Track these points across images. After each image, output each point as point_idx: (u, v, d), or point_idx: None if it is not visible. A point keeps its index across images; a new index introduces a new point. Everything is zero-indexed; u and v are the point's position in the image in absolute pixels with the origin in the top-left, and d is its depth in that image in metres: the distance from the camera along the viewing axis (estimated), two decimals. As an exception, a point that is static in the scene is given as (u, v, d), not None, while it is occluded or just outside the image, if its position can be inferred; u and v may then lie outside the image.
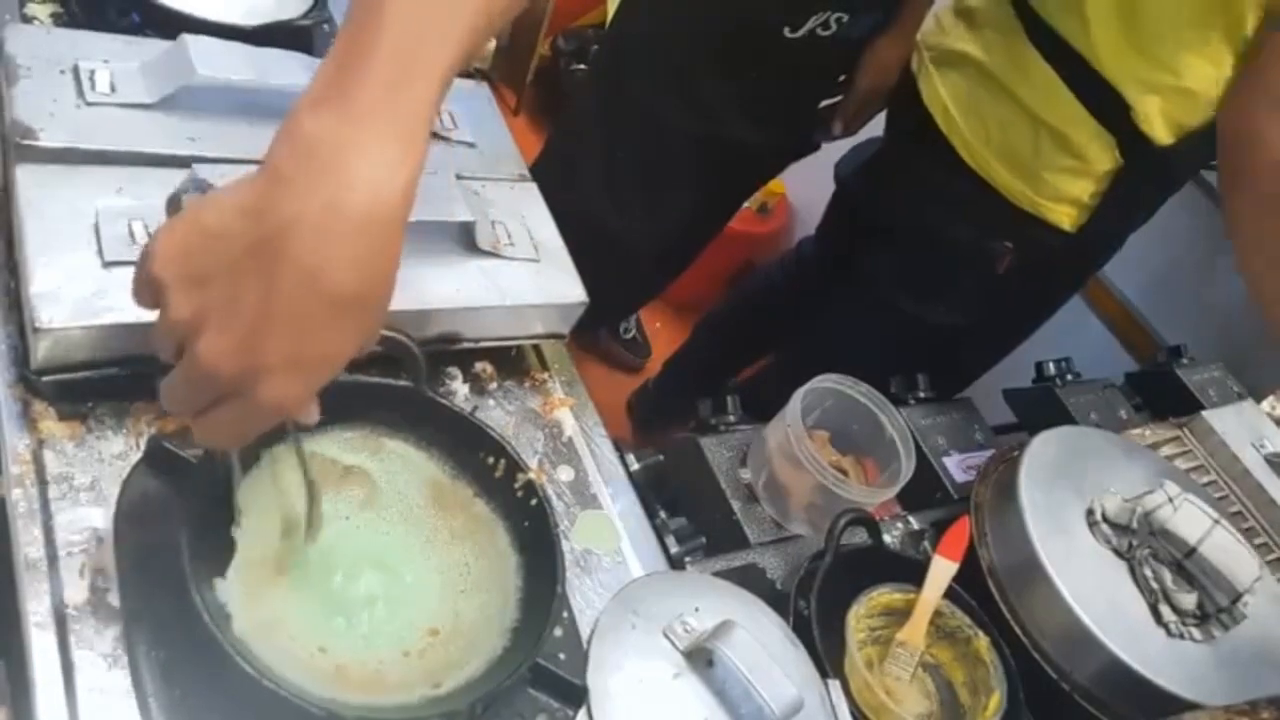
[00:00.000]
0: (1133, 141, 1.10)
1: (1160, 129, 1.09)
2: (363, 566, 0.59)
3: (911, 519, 0.90)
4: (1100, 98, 1.08)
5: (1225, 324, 1.58)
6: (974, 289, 1.25)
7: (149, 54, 0.68)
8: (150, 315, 0.43)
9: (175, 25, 0.70)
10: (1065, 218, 1.16)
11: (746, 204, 2.39)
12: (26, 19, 0.75)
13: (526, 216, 0.79)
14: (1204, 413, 1.12)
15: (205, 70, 0.66)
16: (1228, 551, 0.82)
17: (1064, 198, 1.14)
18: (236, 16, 0.78)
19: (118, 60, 0.67)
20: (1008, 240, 1.18)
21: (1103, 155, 1.11)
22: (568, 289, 0.76)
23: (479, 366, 0.76)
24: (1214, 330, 1.58)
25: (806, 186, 1.54)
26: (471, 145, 0.82)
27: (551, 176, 0.87)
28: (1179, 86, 1.06)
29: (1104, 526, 0.84)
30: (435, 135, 0.79)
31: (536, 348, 0.81)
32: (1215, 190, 1.46)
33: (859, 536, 0.78)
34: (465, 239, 0.72)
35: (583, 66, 2.35)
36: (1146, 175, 1.15)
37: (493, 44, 1.13)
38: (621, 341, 2.22)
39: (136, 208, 0.60)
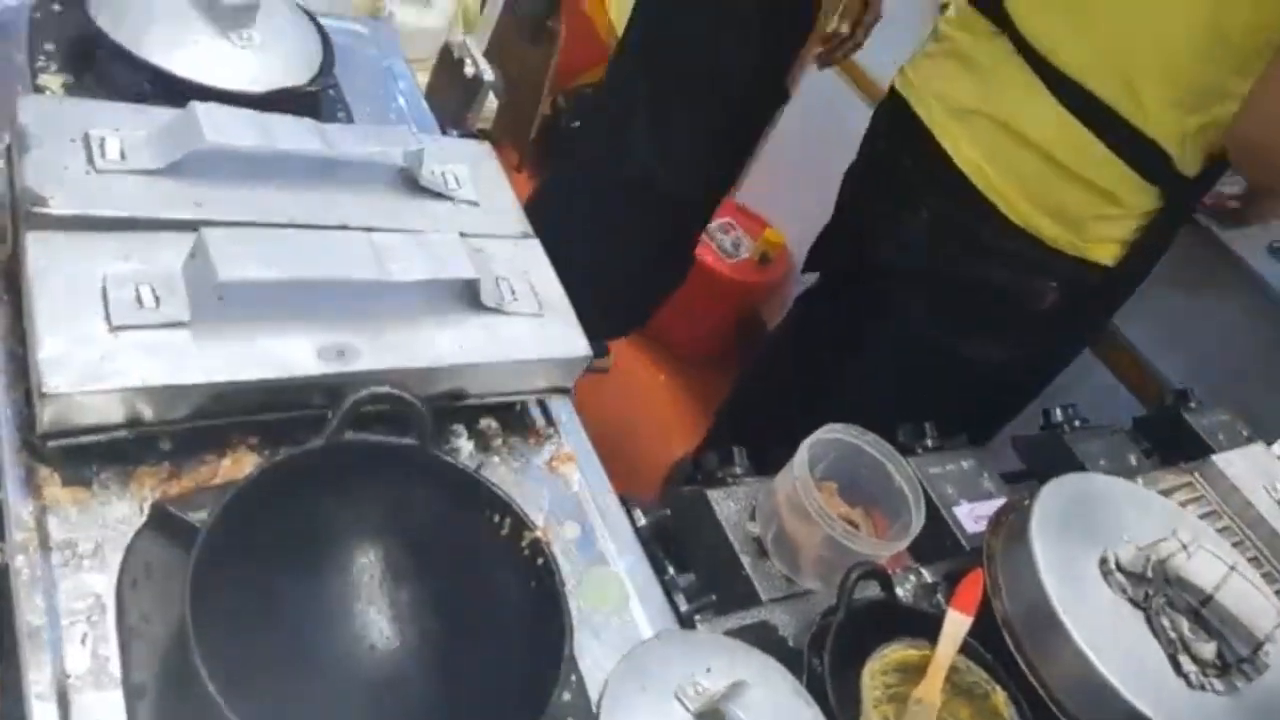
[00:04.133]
0: (1173, 183, 1.12)
1: (1196, 166, 1.11)
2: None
3: (924, 571, 0.89)
4: (1143, 154, 1.10)
5: (1230, 367, 1.58)
6: (1018, 324, 1.24)
7: (159, 121, 0.69)
8: (159, 379, 0.43)
9: (185, 93, 0.71)
10: (1108, 255, 1.17)
11: (746, 255, 2.41)
12: (39, 90, 0.76)
13: (529, 272, 0.79)
14: (1214, 457, 1.12)
15: (213, 136, 0.67)
16: (1245, 598, 0.81)
17: (1107, 238, 1.16)
18: (245, 83, 0.79)
19: (128, 128, 0.67)
20: (1052, 280, 1.19)
21: (1145, 199, 1.13)
22: (571, 342, 0.76)
23: (484, 423, 0.76)
24: (1219, 373, 1.58)
25: (808, 235, 1.55)
26: (475, 204, 0.82)
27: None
28: (1221, 126, 1.07)
29: (1119, 575, 0.83)
30: (439, 195, 0.80)
31: (541, 402, 0.81)
32: (1214, 234, 1.48)
33: (871, 590, 0.78)
34: (469, 296, 0.73)
35: (580, 124, 2.38)
36: (1182, 206, 1.17)
37: (495, 103, 1.15)
38: None
39: (144, 272, 0.60)
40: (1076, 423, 1.14)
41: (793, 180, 2.46)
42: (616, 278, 1.68)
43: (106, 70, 0.78)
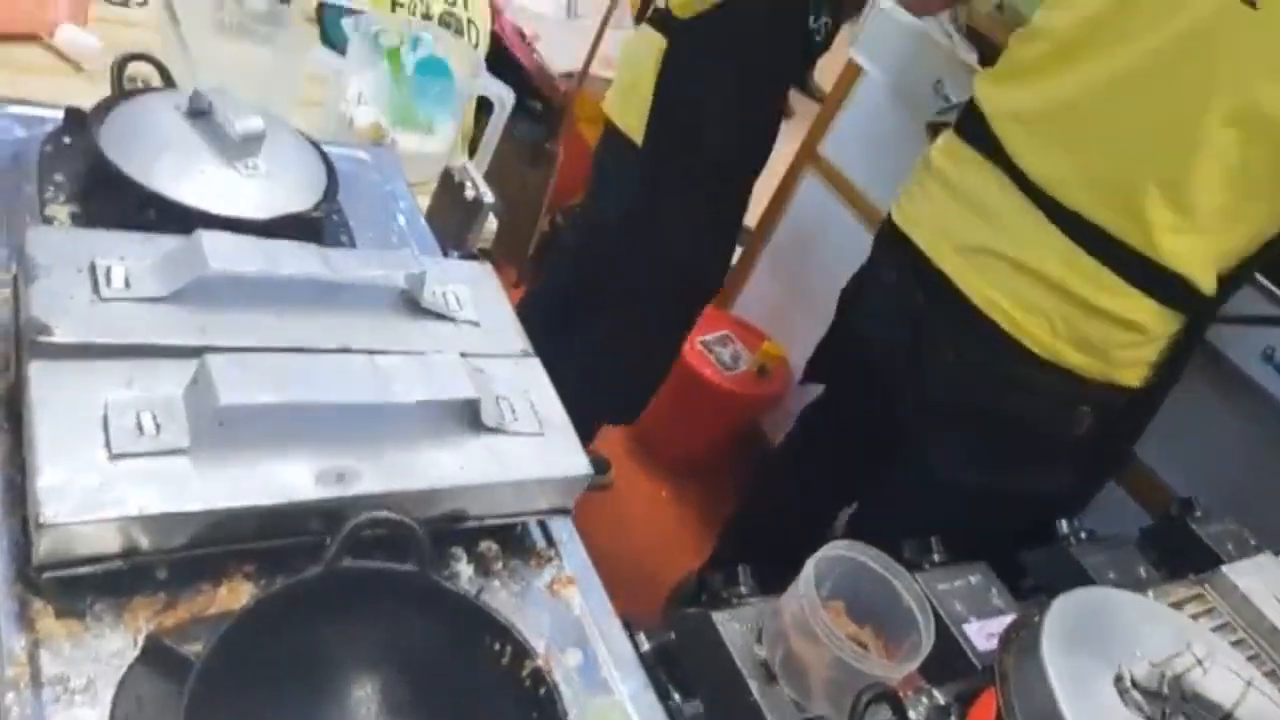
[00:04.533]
0: (1195, 304, 1.14)
1: (1215, 283, 1.13)
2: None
3: (936, 693, 0.87)
4: (1161, 283, 1.11)
5: (1231, 473, 1.57)
6: (1051, 455, 1.25)
7: (165, 249, 0.70)
8: (157, 507, 0.43)
9: (191, 221, 0.73)
10: (1135, 378, 1.18)
11: (744, 367, 2.42)
12: (47, 220, 0.78)
13: (529, 390, 0.79)
14: (1224, 568, 1.10)
15: (217, 263, 0.68)
16: (1265, 715, 0.79)
17: (1134, 362, 1.17)
18: (250, 210, 0.80)
19: (133, 257, 0.69)
20: (1085, 405, 1.19)
21: (1169, 323, 1.15)
22: (572, 462, 0.76)
23: (484, 546, 0.75)
24: (1221, 480, 1.57)
25: (806, 347, 1.56)
26: (476, 324, 0.83)
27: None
28: (1239, 248, 1.10)
29: (1135, 694, 0.81)
30: (441, 315, 0.81)
31: (542, 523, 0.80)
32: (1208, 341, 1.48)
33: (883, 715, 0.75)
34: (470, 416, 0.73)
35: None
36: (1205, 322, 1.19)
37: (495, 223, 1.17)
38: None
39: (145, 399, 0.61)
40: (1083, 534, 1.13)
41: (789, 292, 2.49)
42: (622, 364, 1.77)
43: (114, 200, 0.79)
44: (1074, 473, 1.27)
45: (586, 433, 2.13)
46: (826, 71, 1.80)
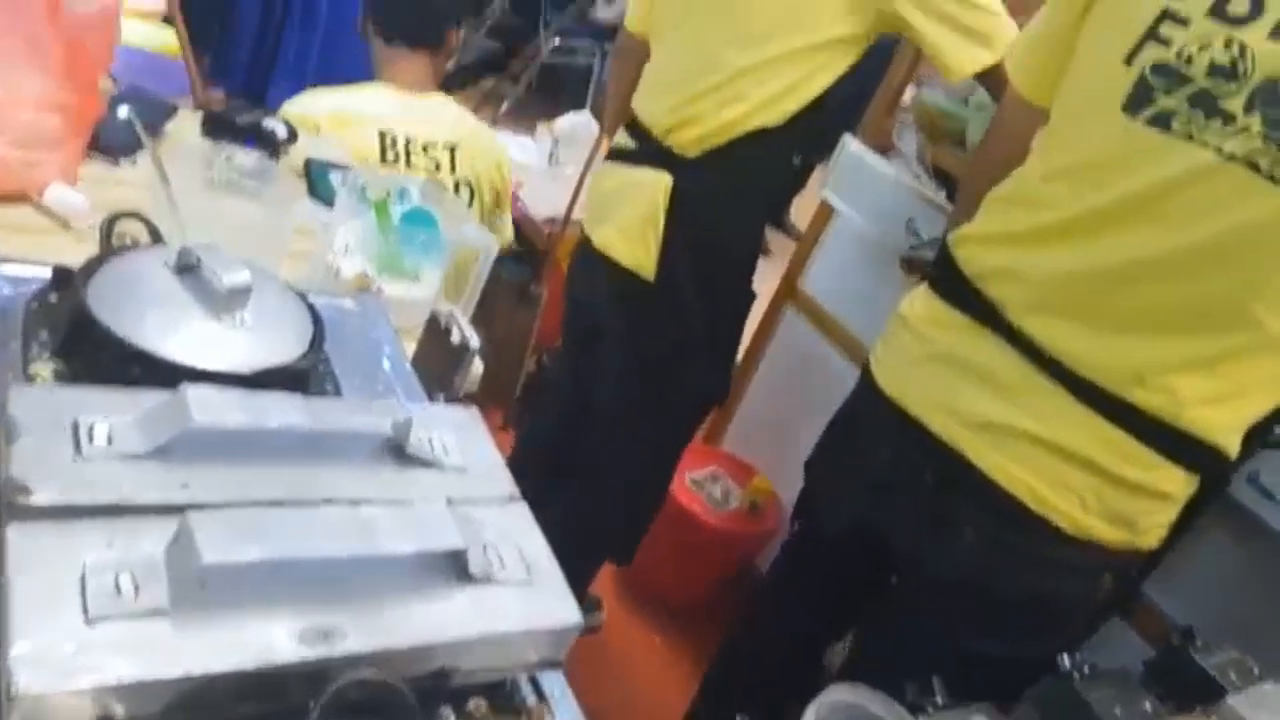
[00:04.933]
0: (1219, 467, 1.12)
1: (1239, 445, 1.10)
2: None
3: (944, 842, 0.84)
4: (1191, 451, 1.09)
5: (1227, 600, 1.56)
6: (1074, 619, 1.21)
7: (149, 405, 0.70)
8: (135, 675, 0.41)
9: (176, 376, 0.73)
10: (1154, 540, 1.16)
11: (735, 505, 2.40)
12: (30, 378, 0.78)
13: (518, 538, 0.78)
14: (1230, 700, 1.07)
15: (202, 417, 0.68)
16: None
17: (1156, 527, 1.14)
18: (236, 364, 0.80)
19: (117, 413, 0.68)
20: (1108, 574, 1.17)
21: (1189, 485, 1.12)
22: (562, 612, 0.74)
23: (473, 703, 0.73)
24: (1218, 607, 1.55)
25: (796, 481, 1.55)
26: (463, 469, 0.82)
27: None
28: (1256, 412, 1.09)
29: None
30: (427, 463, 0.80)
31: (532, 678, 0.78)
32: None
33: None
34: (457, 567, 0.71)
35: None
36: (1225, 482, 1.18)
37: (480, 367, 1.17)
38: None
39: (125, 559, 0.59)
40: (1085, 668, 1.11)
41: (776, 427, 2.50)
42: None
43: (100, 356, 0.79)
44: (1089, 627, 1.24)
45: (585, 576, 2.12)
46: (799, 211, 1.86)
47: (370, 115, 1.94)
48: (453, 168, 1.98)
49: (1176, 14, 1.03)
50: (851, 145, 2.10)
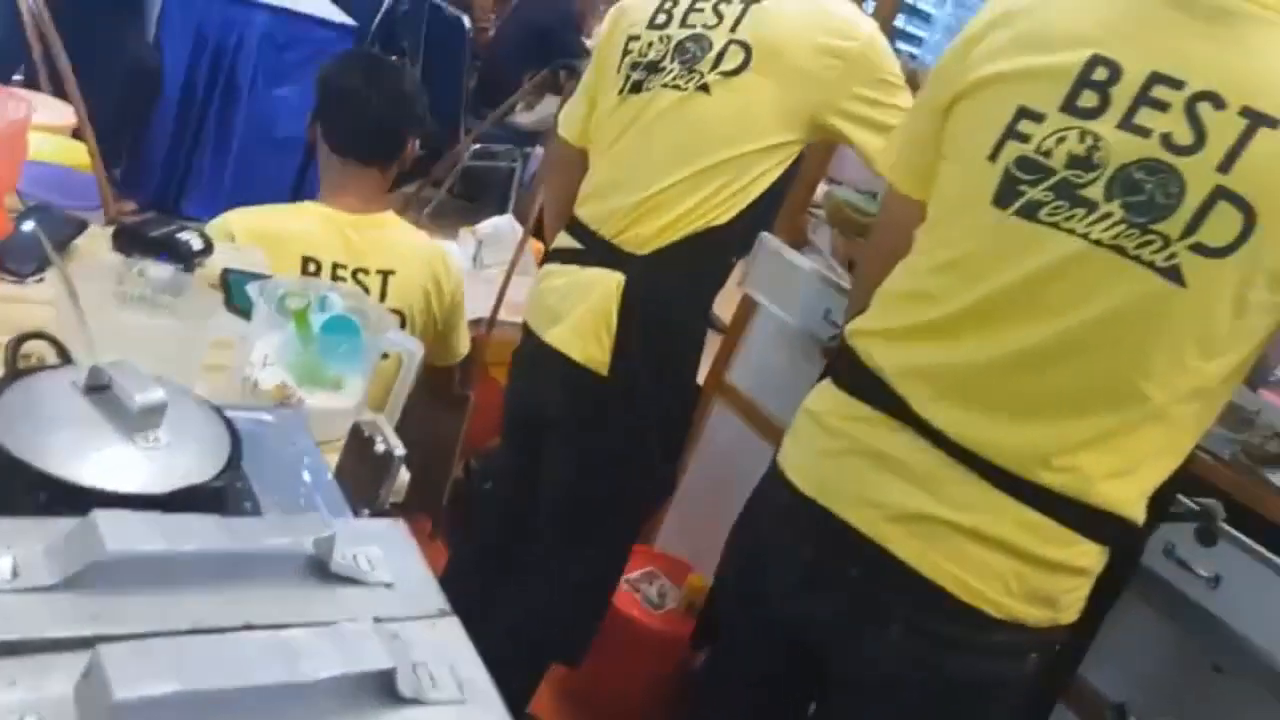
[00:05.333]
0: (1131, 537, 1.16)
1: (1144, 513, 1.14)
2: None
3: None
4: (1105, 526, 1.12)
5: (1152, 672, 1.58)
6: (1005, 706, 1.22)
7: (58, 533, 0.67)
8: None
9: (86, 501, 0.70)
10: (1074, 614, 1.18)
11: (673, 604, 2.38)
12: (-72, 512, 0.74)
13: (450, 654, 0.76)
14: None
15: (114, 544, 0.65)
16: None
17: (1074, 602, 1.17)
18: (149, 485, 0.78)
19: (23, 544, 0.65)
20: (1033, 653, 1.18)
21: (1102, 558, 1.15)
22: (498, 729, 0.72)
23: (406, 829, 0.70)
24: (1146, 679, 1.57)
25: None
26: (389, 585, 0.80)
27: None
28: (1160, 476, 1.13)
29: None
30: (352, 580, 0.78)
31: (470, 800, 0.75)
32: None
33: None
34: (386, 688, 0.69)
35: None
36: (1137, 549, 1.22)
37: (406, 477, 1.16)
38: None
39: (32, 701, 0.56)
40: (1026, 753, 1.11)
41: (709, 522, 2.48)
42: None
43: (4, 483, 0.76)
44: (1020, 710, 1.25)
45: (533, 681, 2.07)
46: (719, 306, 1.90)
47: (296, 237, 1.90)
48: (383, 295, 1.96)
49: (1032, 110, 1.10)
50: (769, 242, 2.15)
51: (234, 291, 1.54)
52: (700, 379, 2.43)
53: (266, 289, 1.31)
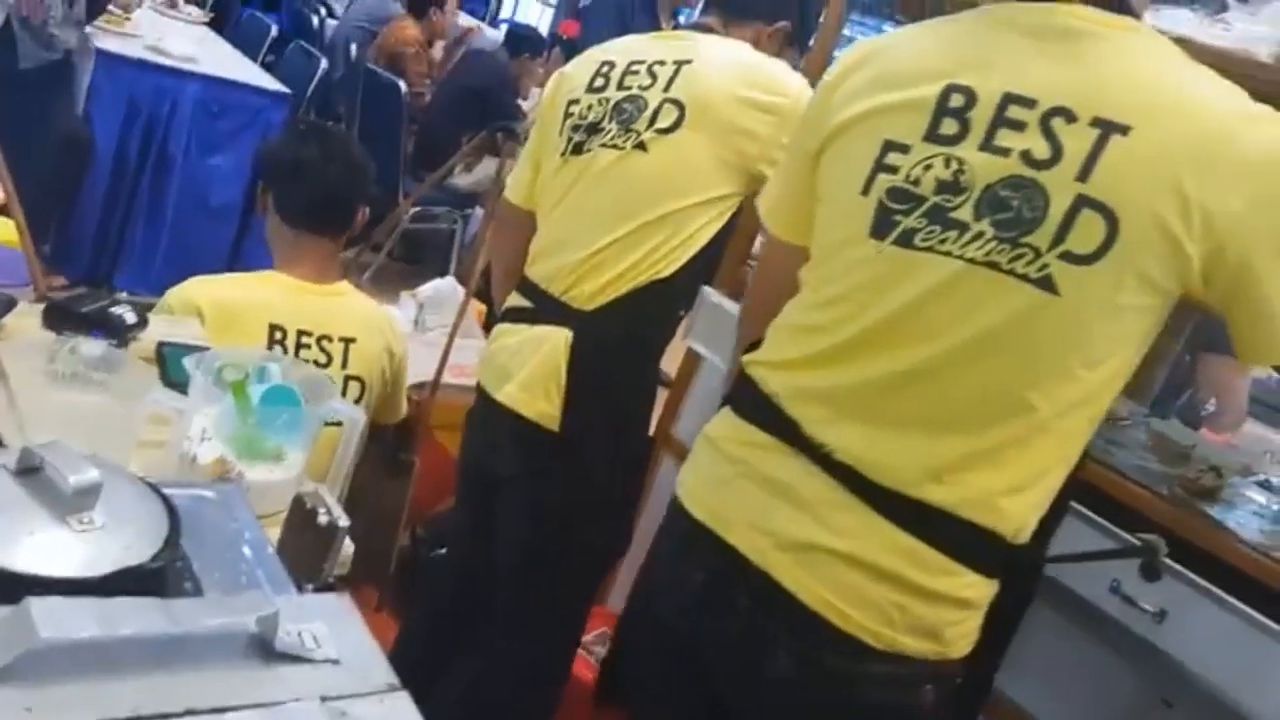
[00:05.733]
0: (1009, 560, 1.15)
1: (1029, 531, 1.15)
2: None
3: None
4: (986, 549, 1.13)
5: (1101, 706, 1.59)
6: None
7: (-14, 624, 0.65)
8: None
9: (18, 588, 0.68)
10: (964, 648, 1.18)
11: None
12: None
13: (400, 730, 0.75)
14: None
15: (48, 632, 0.63)
16: None
17: (963, 636, 1.17)
18: (84, 569, 0.76)
19: (-51, 636, 0.63)
20: (927, 684, 1.17)
21: (989, 590, 1.15)
22: (451, 804, 0.71)
23: None
24: (1092, 714, 1.58)
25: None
26: (336, 662, 0.79)
27: None
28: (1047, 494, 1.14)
29: None
30: (297, 658, 0.76)
31: None
32: (1057, 580, 1.53)
33: None
34: (335, 768, 0.67)
35: (443, 550, 2.37)
36: (1027, 578, 1.20)
37: (350, 547, 1.14)
38: None
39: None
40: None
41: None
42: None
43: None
44: None
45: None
46: (665, 359, 1.91)
47: (261, 304, 1.90)
48: (345, 363, 1.95)
49: (897, 143, 1.15)
50: (709, 295, 2.17)
51: (170, 365, 1.52)
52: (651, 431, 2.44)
53: (204, 361, 1.30)
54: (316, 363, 1.89)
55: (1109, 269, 1.04)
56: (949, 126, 1.12)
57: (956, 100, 1.12)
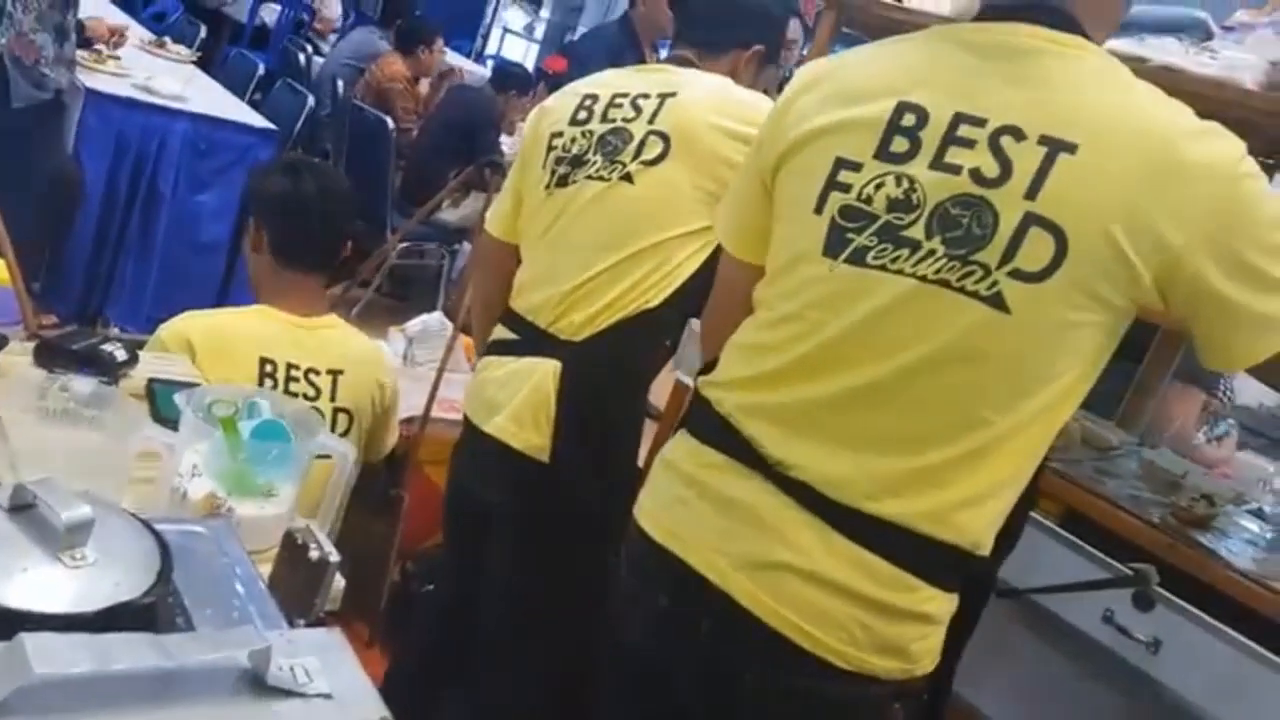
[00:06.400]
0: (968, 571, 1.15)
1: (990, 542, 1.15)
2: None
3: None
4: (946, 563, 1.13)
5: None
6: None
7: (-22, 660, 0.65)
8: None
9: (11, 624, 0.68)
10: (929, 664, 1.18)
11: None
12: None
13: (393, 764, 0.74)
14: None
15: (42, 668, 0.63)
16: None
17: (927, 652, 1.17)
18: (77, 605, 0.76)
19: (-58, 673, 0.63)
20: (895, 703, 1.17)
21: (949, 604, 1.16)
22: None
23: None
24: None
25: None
26: (328, 696, 0.79)
27: None
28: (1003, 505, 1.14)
29: None
30: (289, 693, 0.76)
31: None
32: (1046, 608, 1.54)
33: None
34: (329, 804, 0.67)
35: (432, 587, 2.36)
36: (983, 586, 1.21)
37: (341, 583, 1.14)
38: None
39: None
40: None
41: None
42: None
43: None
44: None
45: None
46: (654, 391, 1.91)
47: (252, 338, 1.89)
48: (333, 396, 1.95)
49: (849, 160, 1.16)
50: (697, 326, 2.18)
51: (160, 402, 1.51)
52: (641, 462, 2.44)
53: (194, 397, 1.30)
54: (305, 396, 1.88)
55: (1058, 286, 1.05)
56: (900, 144, 1.13)
57: (908, 119, 1.13)
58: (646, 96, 1.74)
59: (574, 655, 1.95)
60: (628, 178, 1.69)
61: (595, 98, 1.79)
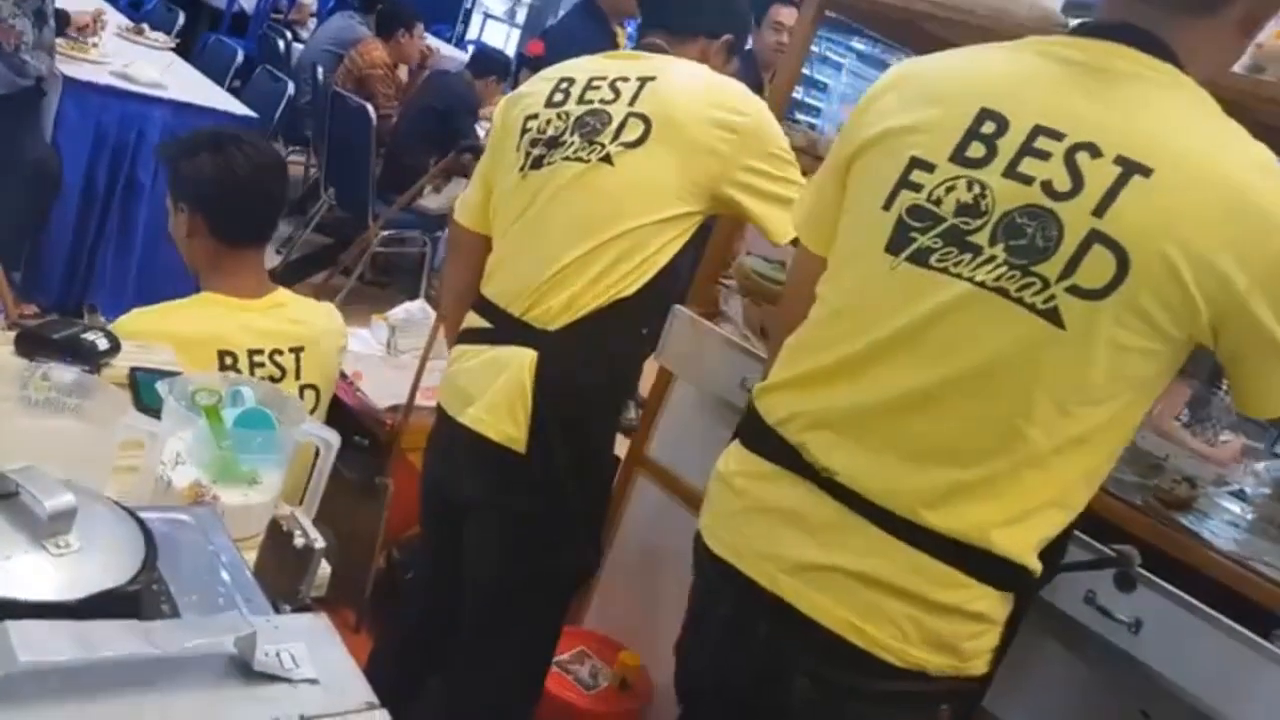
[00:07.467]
0: (1027, 585, 1.16)
1: (1038, 563, 1.15)
2: None
3: None
4: (1001, 572, 1.14)
5: (1073, 715, 1.60)
6: None
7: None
8: None
9: (-5, 613, 0.68)
10: (983, 665, 1.19)
11: (605, 683, 2.34)
12: None
13: (381, 748, 0.74)
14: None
15: (27, 656, 0.63)
16: None
17: (981, 652, 1.18)
18: (61, 592, 0.76)
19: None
20: (943, 704, 1.18)
21: (1006, 607, 1.17)
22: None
23: None
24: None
25: (664, 651, 1.53)
26: (315, 681, 0.79)
27: None
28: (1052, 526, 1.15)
29: None
30: (275, 678, 0.76)
31: None
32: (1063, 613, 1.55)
33: None
34: (317, 787, 0.67)
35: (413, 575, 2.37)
36: (1032, 598, 1.21)
37: (327, 570, 1.14)
38: None
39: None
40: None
41: (637, 596, 2.48)
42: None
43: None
44: None
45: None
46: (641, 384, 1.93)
47: (206, 335, 1.85)
48: (298, 373, 1.93)
49: (923, 161, 1.16)
50: (681, 313, 2.18)
51: (143, 390, 1.51)
52: (620, 453, 2.44)
53: (176, 386, 1.29)
54: (271, 378, 1.86)
55: (1115, 307, 1.04)
56: (976, 150, 1.12)
57: (988, 126, 1.12)
58: (625, 79, 1.73)
59: (551, 645, 1.96)
60: (607, 159, 1.67)
61: (571, 80, 1.78)
